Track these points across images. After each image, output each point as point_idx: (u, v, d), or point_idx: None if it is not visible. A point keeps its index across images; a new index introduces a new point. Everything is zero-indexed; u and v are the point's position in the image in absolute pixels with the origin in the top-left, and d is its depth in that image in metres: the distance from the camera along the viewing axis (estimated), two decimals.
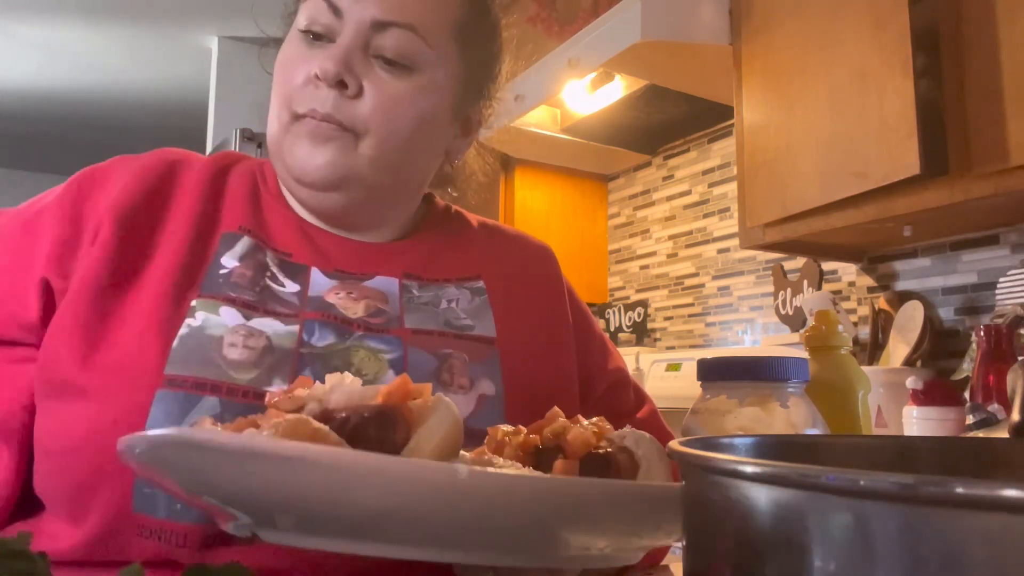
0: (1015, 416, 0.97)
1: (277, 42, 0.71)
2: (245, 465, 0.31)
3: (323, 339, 0.59)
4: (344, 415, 0.38)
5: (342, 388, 0.40)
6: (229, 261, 0.61)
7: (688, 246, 2.34)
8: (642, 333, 2.46)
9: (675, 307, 2.37)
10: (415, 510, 0.33)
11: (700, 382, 0.52)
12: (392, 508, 0.33)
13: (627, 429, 0.47)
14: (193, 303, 0.57)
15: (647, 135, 2.35)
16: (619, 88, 2.03)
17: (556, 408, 0.48)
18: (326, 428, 0.36)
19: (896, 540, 0.17)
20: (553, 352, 0.71)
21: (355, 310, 0.63)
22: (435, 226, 0.75)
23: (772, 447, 0.34)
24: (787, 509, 0.20)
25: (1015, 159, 1.15)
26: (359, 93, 0.63)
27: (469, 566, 0.45)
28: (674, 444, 0.26)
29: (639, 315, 2.48)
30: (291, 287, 0.63)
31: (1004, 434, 1.03)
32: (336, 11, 0.63)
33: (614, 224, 2.67)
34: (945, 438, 0.72)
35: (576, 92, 2.07)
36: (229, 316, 0.58)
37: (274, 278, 0.62)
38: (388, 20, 0.63)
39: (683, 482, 0.27)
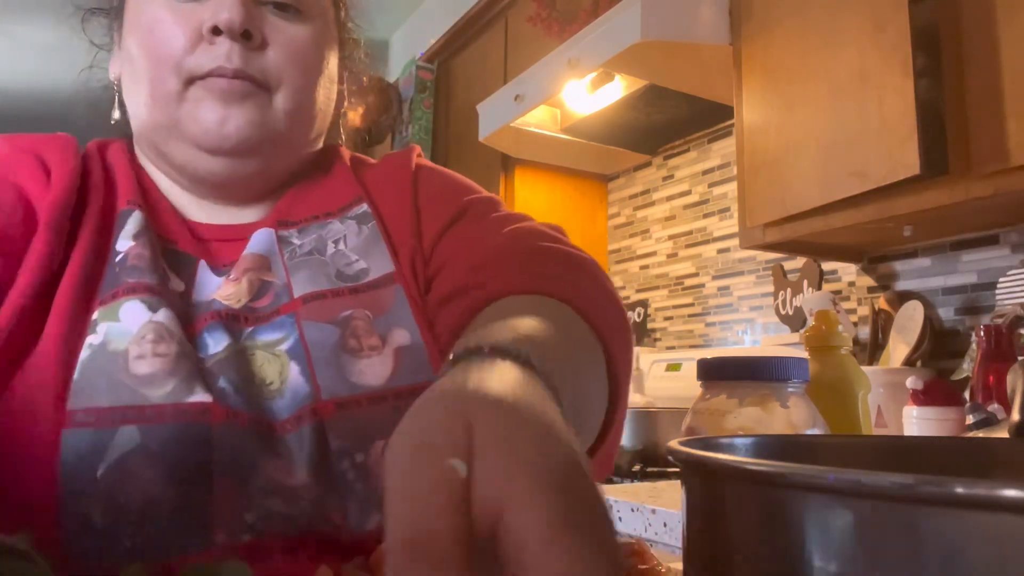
0: (1015, 416, 0.97)
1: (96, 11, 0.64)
2: None
3: (218, 343, 0.54)
4: None
5: None
6: (123, 243, 0.56)
7: (688, 246, 2.34)
8: (642, 333, 2.46)
9: (675, 307, 2.37)
10: None
11: (700, 382, 0.52)
12: None
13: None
14: (94, 316, 0.52)
15: (647, 135, 2.35)
16: (619, 88, 2.02)
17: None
18: None
19: (896, 540, 0.17)
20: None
21: (239, 295, 0.57)
22: (305, 169, 0.68)
23: (772, 447, 0.34)
24: (787, 509, 0.20)
25: (1015, 159, 1.15)
26: (264, 44, 0.58)
27: None
28: (674, 444, 0.26)
29: (639, 315, 2.48)
30: (176, 284, 0.57)
31: (1004, 434, 1.03)
32: None
33: (614, 224, 2.67)
34: (945, 438, 0.72)
35: (576, 92, 2.07)
36: (131, 315, 0.52)
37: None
38: None
39: (683, 484, 0.27)
